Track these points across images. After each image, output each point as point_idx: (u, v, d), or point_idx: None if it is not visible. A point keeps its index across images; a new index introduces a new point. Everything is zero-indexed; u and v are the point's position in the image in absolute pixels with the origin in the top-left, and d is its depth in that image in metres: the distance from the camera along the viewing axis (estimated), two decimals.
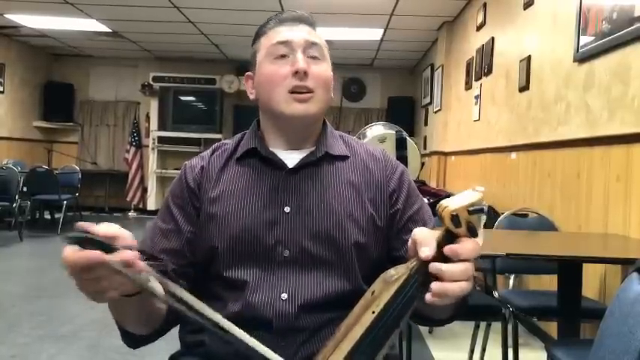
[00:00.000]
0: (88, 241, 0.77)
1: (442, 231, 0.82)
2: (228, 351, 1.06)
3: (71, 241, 0.77)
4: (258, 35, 1.20)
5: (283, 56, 1.13)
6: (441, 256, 0.81)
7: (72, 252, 0.77)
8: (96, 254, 0.76)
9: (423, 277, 0.83)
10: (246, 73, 1.22)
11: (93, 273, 0.78)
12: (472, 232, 0.81)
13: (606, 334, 0.97)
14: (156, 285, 0.84)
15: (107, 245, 0.78)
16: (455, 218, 0.80)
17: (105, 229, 0.80)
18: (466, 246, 0.81)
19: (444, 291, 0.80)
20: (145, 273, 0.82)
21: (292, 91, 1.11)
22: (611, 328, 0.96)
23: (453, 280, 0.80)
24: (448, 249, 0.80)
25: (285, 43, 1.13)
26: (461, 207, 0.80)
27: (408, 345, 2.57)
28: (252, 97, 1.20)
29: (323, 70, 1.15)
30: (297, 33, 1.15)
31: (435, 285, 0.81)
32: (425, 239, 0.82)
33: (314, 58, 1.14)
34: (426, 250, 0.81)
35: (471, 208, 0.80)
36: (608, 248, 2.47)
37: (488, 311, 2.48)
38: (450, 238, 0.82)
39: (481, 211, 0.81)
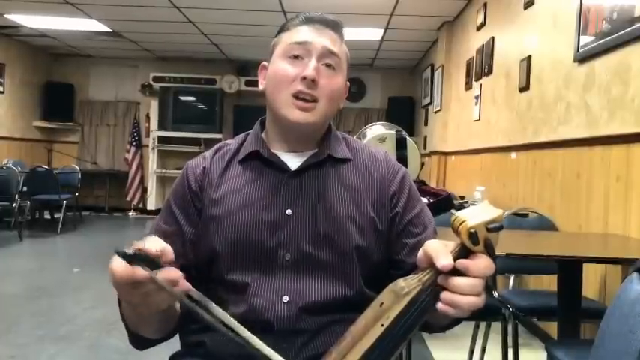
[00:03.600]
0: (137, 257, 0.78)
1: (457, 245, 0.80)
2: (229, 351, 1.06)
3: (121, 256, 0.78)
4: (282, 29, 1.18)
5: (297, 57, 1.12)
6: (453, 269, 0.80)
7: (122, 268, 0.79)
8: (144, 273, 0.78)
9: (435, 290, 0.82)
10: (262, 63, 1.20)
11: (141, 288, 0.80)
12: (489, 250, 0.79)
13: (606, 334, 0.97)
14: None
15: (155, 262, 0.79)
16: (473, 235, 0.77)
17: (152, 244, 0.81)
18: (479, 263, 0.80)
19: (453, 302, 0.80)
20: (186, 290, 0.83)
21: (296, 96, 1.10)
22: (611, 328, 0.96)
23: (461, 293, 0.80)
24: (460, 263, 0.79)
25: (302, 44, 1.12)
26: (480, 224, 0.77)
27: (408, 345, 2.57)
28: (261, 87, 1.19)
29: (334, 81, 1.13)
30: (318, 37, 1.13)
31: (445, 294, 0.81)
32: (440, 251, 0.81)
33: (328, 66, 1.13)
34: (445, 260, 0.79)
35: (491, 226, 0.77)
36: (608, 248, 2.47)
37: (488, 311, 2.48)
38: (464, 252, 0.80)
39: (500, 228, 0.78)
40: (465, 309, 0.81)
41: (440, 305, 0.81)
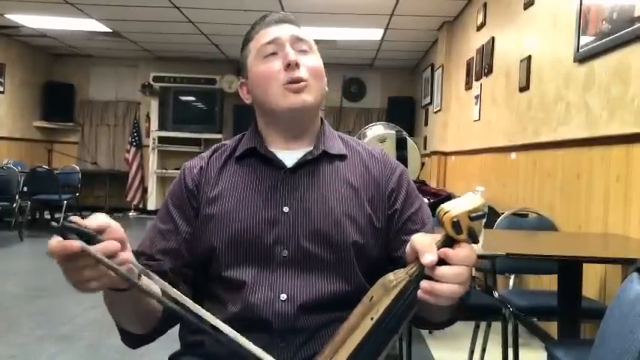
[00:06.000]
0: (70, 231, 0.78)
1: (442, 236, 0.81)
2: (228, 351, 1.06)
3: (54, 230, 0.78)
4: (246, 41, 1.22)
5: (273, 54, 1.15)
6: (439, 260, 0.81)
7: (55, 242, 0.78)
8: (74, 244, 0.77)
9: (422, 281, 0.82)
10: (240, 81, 1.23)
11: (75, 263, 0.79)
12: (473, 238, 0.80)
13: (606, 334, 0.97)
14: (147, 282, 0.87)
15: (89, 235, 0.79)
16: (456, 224, 0.79)
17: (92, 221, 0.81)
18: (460, 253, 0.80)
19: (432, 290, 0.80)
20: (135, 268, 0.83)
21: (286, 84, 1.12)
22: (611, 328, 0.96)
23: (445, 282, 0.80)
24: (442, 252, 0.80)
25: (273, 41, 1.15)
26: (462, 213, 0.78)
27: (408, 345, 2.57)
28: (247, 101, 1.21)
29: (313, 61, 1.16)
30: (283, 31, 1.17)
31: (424, 283, 0.81)
32: (425, 245, 0.81)
33: (303, 51, 1.16)
34: (429, 257, 0.80)
35: (473, 215, 0.79)
36: (608, 248, 2.47)
37: (488, 311, 2.48)
38: (449, 242, 0.81)
39: (483, 217, 0.80)
40: (447, 297, 0.81)
41: (420, 294, 0.81)
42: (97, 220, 0.82)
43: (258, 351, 0.83)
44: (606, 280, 2.77)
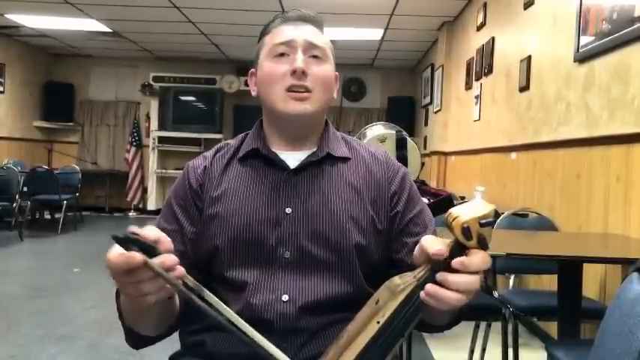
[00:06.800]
0: (132, 242, 0.77)
1: (452, 241, 0.81)
2: (229, 352, 1.06)
3: (116, 240, 0.77)
4: (263, 33, 1.21)
5: (284, 55, 1.14)
6: (448, 267, 0.80)
7: (116, 255, 0.78)
8: (136, 257, 0.77)
9: None
10: (250, 70, 1.22)
11: (134, 276, 0.79)
12: (483, 245, 0.79)
13: (606, 334, 0.97)
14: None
15: (150, 248, 0.78)
16: (466, 230, 0.78)
17: (149, 232, 0.81)
18: (475, 259, 0.80)
19: (435, 294, 0.80)
20: (189, 282, 0.83)
21: (289, 90, 1.12)
22: (611, 328, 0.96)
23: (456, 290, 0.80)
24: (458, 262, 0.79)
25: (286, 42, 1.14)
26: (472, 219, 0.78)
27: (408, 345, 2.57)
28: (253, 93, 1.21)
29: (323, 70, 1.15)
30: (300, 32, 1.15)
31: (429, 286, 0.80)
32: (435, 241, 0.82)
33: (315, 57, 1.14)
34: (437, 246, 0.80)
35: (483, 221, 0.78)
36: (608, 248, 2.47)
37: (488, 311, 2.48)
38: (459, 248, 0.80)
39: (493, 223, 0.79)
40: (451, 304, 0.81)
41: (422, 295, 0.81)
42: (153, 231, 0.82)
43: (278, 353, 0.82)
44: (606, 280, 2.77)
